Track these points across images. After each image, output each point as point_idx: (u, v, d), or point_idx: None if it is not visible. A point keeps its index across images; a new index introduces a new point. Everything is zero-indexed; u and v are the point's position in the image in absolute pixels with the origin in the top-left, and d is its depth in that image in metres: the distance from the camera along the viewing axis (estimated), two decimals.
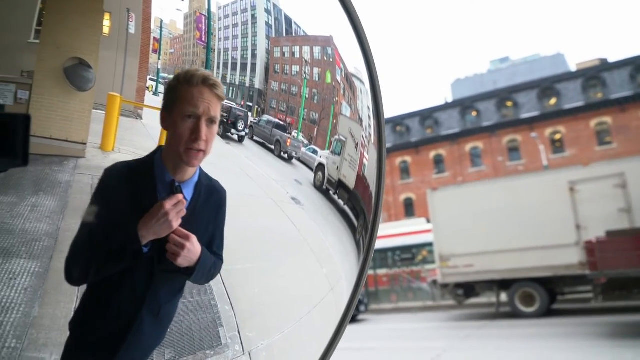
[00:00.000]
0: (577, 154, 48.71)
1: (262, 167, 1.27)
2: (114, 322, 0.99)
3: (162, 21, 1.03)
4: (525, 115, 52.74)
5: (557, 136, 51.73)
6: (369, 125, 1.25)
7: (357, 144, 1.27)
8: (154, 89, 1.03)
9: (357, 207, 1.30)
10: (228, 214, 1.08)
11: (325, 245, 1.34)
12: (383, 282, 30.97)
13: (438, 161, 54.71)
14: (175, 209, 0.93)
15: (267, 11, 1.17)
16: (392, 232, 31.52)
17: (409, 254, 30.76)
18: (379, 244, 30.93)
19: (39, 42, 0.84)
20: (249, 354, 1.12)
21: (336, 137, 1.27)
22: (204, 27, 1.09)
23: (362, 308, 25.50)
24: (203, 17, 1.09)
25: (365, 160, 1.27)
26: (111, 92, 0.95)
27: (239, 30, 1.16)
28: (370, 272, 31.13)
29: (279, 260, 1.27)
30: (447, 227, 22.35)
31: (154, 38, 1.02)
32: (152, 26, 1.01)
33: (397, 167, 56.17)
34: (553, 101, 53.46)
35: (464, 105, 56.04)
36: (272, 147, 1.27)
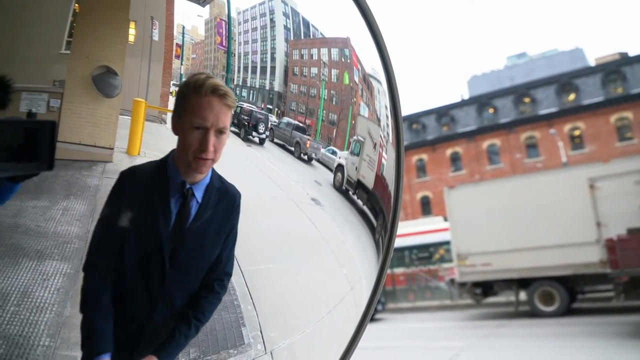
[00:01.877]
0: (597, 150, 48.00)
1: (282, 168, 1.29)
2: (131, 323, 1.01)
3: (184, 27, 1.05)
4: (543, 111, 52.12)
5: (576, 132, 51.02)
6: (387, 125, 1.26)
7: (375, 144, 1.28)
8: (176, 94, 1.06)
9: (376, 207, 1.31)
10: (250, 215, 1.10)
11: (345, 246, 1.35)
12: (400, 281, 30.88)
13: (455, 159, 54.32)
14: None
15: (286, 15, 1.19)
16: (409, 231, 31.40)
17: (426, 253, 30.62)
18: (396, 243, 30.75)
19: (70, 52, 0.87)
20: (271, 353, 1.14)
21: (355, 137, 1.29)
22: (224, 32, 1.12)
23: (380, 307, 25.47)
24: (223, 22, 1.11)
25: (383, 160, 1.28)
26: (136, 98, 0.97)
27: (258, 34, 1.17)
28: (388, 270, 31.02)
29: (299, 260, 1.28)
30: (465, 226, 22.20)
31: (177, 44, 1.04)
32: (175, 32, 1.04)
33: (414, 165, 55.90)
34: (572, 97, 52.73)
35: (480, 102, 55.56)
36: (292, 148, 1.28)
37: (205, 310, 1.07)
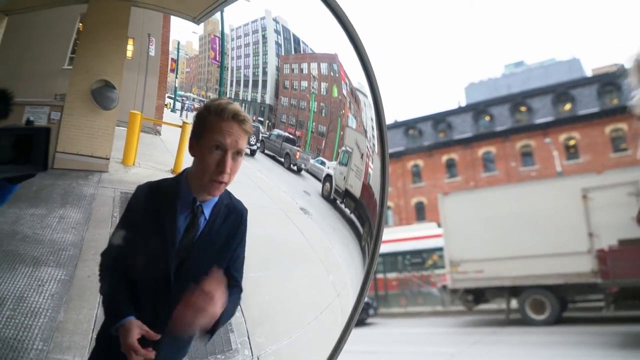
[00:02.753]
0: (591, 160, 48.27)
1: (272, 179, 1.33)
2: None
3: (179, 43, 1.10)
4: (539, 120, 52.38)
5: (571, 142, 51.29)
6: (373, 136, 1.30)
7: (362, 154, 1.33)
8: (171, 106, 1.10)
9: (362, 215, 1.35)
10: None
11: (332, 253, 1.39)
12: (393, 286, 30.89)
13: (450, 165, 54.44)
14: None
15: (277, 31, 1.24)
16: (402, 236, 31.46)
17: (419, 258, 30.67)
18: (389, 248, 30.86)
19: (72, 68, 0.92)
20: (258, 358, 1.18)
21: (343, 148, 1.33)
22: (217, 48, 1.16)
23: (371, 312, 25.43)
24: (217, 39, 1.15)
25: (370, 169, 1.33)
26: (132, 110, 1.01)
27: (250, 49, 1.22)
28: (380, 275, 31.09)
29: (287, 268, 1.32)
30: (458, 232, 22.25)
31: (172, 59, 1.09)
32: (170, 48, 1.08)
33: (409, 171, 55.96)
34: (568, 107, 53.03)
35: (477, 109, 55.78)
36: (282, 159, 1.32)
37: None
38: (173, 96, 1.10)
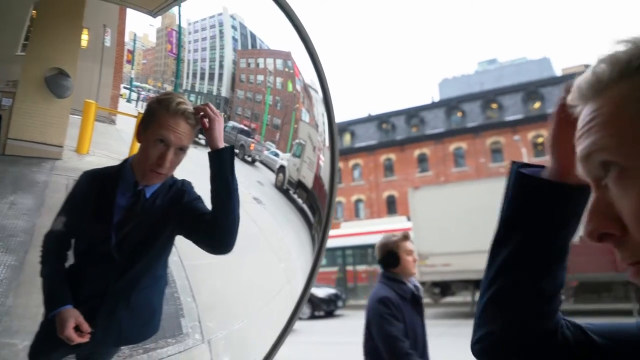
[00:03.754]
0: None
1: None
2: (82, 307, 1.06)
3: (135, 35, 1.13)
4: (509, 117, 53.31)
5: (540, 140, 52.40)
6: (324, 131, 1.36)
7: (314, 147, 1.39)
8: (127, 97, 1.14)
9: (314, 205, 1.41)
10: None
11: (284, 242, 1.45)
12: (362, 278, 31.11)
13: (422, 160, 54.96)
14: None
15: (234, 27, 1.28)
16: (372, 229, 31.69)
17: None
18: (359, 241, 31.04)
19: (25, 54, 0.94)
20: (209, 342, 1.22)
21: (297, 140, 1.39)
22: (174, 41, 1.20)
23: (340, 304, 25.61)
24: (174, 32, 1.19)
25: (321, 162, 1.39)
26: (87, 99, 1.05)
27: (207, 43, 1.26)
28: (350, 268, 31.27)
29: (240, 256, 1.37)
30: (427, 226, 22.54)
31: (128, 50, 1.12)
32: (127, 39, 1.11)
33: (382, 165, 56.25)
34: (537, 105, 54.10)
35: (449, 105, 56.40)
36: (237, 151, 1.37)
37: None
38: (129, 87, 1.13)
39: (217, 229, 1.11)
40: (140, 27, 1.14)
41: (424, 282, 23.00)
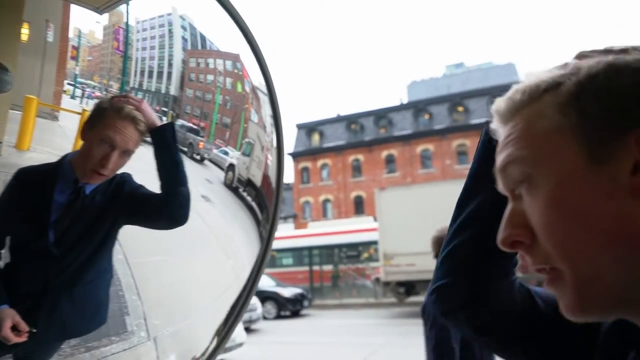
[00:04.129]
0: None
1: None
2: (23, 304, 1.05)
3: (80, 31, 1.13)
4: (475, 120, 54.39)
5: None
6: (271, 132, 1.39)
7: (262, 147, 1.41)
8: (71, 93, 1.14)
9: (262, 203, 1.44)
10: None
11: (233, 239, 1.47)
12: (328, 278, 31.25)
13: (390, 161, 55.51)
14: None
15: (183, 27, 1.29)
16: (339, 229, 31.84)
17: (355, 251, 31.16)
18: (326, 241, 31.16)
19: None
20: (154, 340, 1.22)
21: (246, 140, 1.41)
22: (122, 38, 1.20)
23: (306, 303, 25.65)
24: (121, 29, 1.19)
25: (268, 161, 1.42)
26: (28, 95, 1.04)
27: (156, 42, 1.26)
28: (316, 268, 31.35)
29: (188, 254, 1.38)
30: (393, 227, 22.80)
31: (73, 46, 1.12)
32: (71, 35, 1.11)
33: (350, 165, 56.56)
34: None
35: (417, 107, 57.14)
36: (185, 149, 1.38)
37: None
38: (73, 83, 1.13)
39: (169, 199, 1.14)
40: (86, 23, 1.13)
41: (389, 282, 23.30)
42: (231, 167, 1.41)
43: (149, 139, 1.27)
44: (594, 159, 0.66)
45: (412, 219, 22.28)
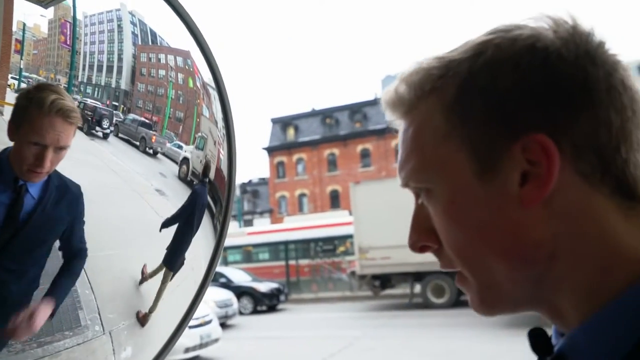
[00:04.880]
0: None
1: (126, 162, 1.39)
2: None
3: (24, 24, 1.12)
4: None
5: None
6: (222, 127, 1.40)
7: (215, 142, 1.43)
8: (15, 87, 1.13)
9: (215, 196, 1.45)
10: (91, 205, 1.16)
11: None
12: (304, 272, 31.32)
13: (364, 155, 55.80)
14: None
15: (133, 23, 1.29)
16: (315, 224, 31.92)
17: (331, 245, 31.28)
18: (302, 235, 31.22)
19: None
20: (110, 334, 1.22)
21: (199, 134, 1.42)
22: (68, 32, 1.19)
23: (282, 298, 25.68)
24: (68, 24, 1.19)
25: (221, 155, 1.43)
26: None
27: (105, 36, 1.26)
28: (292, 262, 31.40)
29: (141, 247, 1.39)
30: (367, 220, 22.93)
31: (16, 39, 1.11)
32: (15, 28, 1.10)
33: (325, 159, 56.70)
34: None
35: None
36: (138, 143, 1.38)
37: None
38: (17, 77, 1.12)
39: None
40: (31, 17, 1.13)
41: (365, 275, 23.47)
42: (185, 160, 1.42)
43: (98, 133, 1.28)
44: (482, 172, 0.66)
45: (387, 212, 22.42)
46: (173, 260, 1.33)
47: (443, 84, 0.68)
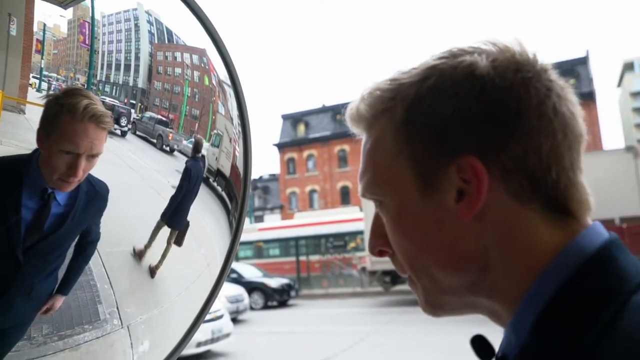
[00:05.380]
0: None
1: (143, 159, 1.41)
2: None
3: (45, 25, 1.14)
4: None
5: None
6: (238, 124, 1.42)
7: (230, 139, 1.44)
8: (37, 86, 1.15)
9: (231, 192, 1.47)
10: (110, 202, 1.17)
11: (204, 227, 1.50)
12: (315, 268, 31.37)
13: None
14: None
15: (150, 22, 1.31)
16: (326, 220, 31.96)
17: (342, 241, 31.30)
18: (312, 231, 31.26)
19: None
20: (128, 327, 1.25)
21: (215, 131, 1.43)
22: (87, 32, 1.22)
23: (293, 293, 25.77)
24: (87, 24, 1.21)
25: (236, 152, 1.45)
26: None
27: (122, 35, 1.28)
28: (303, 258, 31.47)
29: (160, 241, 1.41)
30: None
31: (37, 40, 1.13)
32: (35, 29, 1.12)
33: (336, 156, 56.65)
34: None
35: None
36: (155, 141, 1.41)
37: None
38: (38, 76, 1.15)
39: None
40: (51, 17, 1.15)
41: (375, 271, 23.47)
42: (201, 157, 1.44)
43: (116, 131, 1.30)
44: (425, 189, 0.72)
45: None
46: (173, 218, 1.32)
47: (393, 106, 0.74)
